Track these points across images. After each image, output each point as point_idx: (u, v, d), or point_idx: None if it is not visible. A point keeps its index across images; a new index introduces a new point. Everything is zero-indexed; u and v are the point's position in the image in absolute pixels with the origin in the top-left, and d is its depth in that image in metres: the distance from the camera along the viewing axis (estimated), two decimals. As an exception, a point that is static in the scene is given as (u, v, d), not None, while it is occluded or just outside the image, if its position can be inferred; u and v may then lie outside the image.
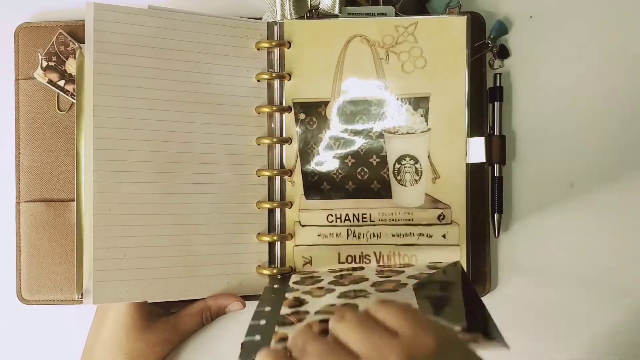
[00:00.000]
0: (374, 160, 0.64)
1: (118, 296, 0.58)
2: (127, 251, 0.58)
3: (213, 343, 0.66)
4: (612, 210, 0.68)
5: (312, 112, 0.64)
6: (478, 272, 0.66)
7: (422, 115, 0.63)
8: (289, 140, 0.64)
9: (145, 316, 0.60)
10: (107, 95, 0.58)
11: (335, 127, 0.64)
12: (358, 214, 0.64)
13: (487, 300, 0.66)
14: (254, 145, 0.64)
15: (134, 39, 0.59)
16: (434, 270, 0.60)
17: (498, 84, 0.67)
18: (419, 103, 0.63)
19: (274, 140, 0.64)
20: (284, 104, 0.64)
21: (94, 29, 0.58)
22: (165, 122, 0.61)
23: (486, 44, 0.67)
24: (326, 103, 0.64)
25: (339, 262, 0.64)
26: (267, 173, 0.64)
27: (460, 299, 0.54)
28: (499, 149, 0.66)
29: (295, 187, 0.64)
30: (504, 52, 0.68)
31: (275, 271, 0.63)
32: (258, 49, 0.64)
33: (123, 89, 0.59)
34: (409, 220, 0.64)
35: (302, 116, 0.64)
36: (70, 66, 0.65)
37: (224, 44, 0.63)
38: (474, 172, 0.65)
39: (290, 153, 0.64)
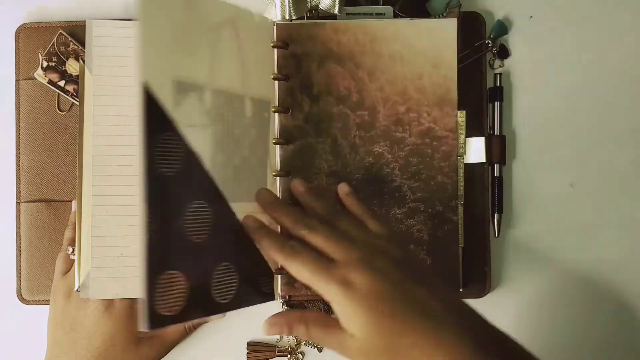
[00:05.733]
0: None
1: (114, 292, 0.59)
2: (123, 250, 0.60)
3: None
4: (612, 210, 0.67)
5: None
6: (478, 272, 0.66)
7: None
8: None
9: (136, 330, 0.61)
10: (105, 105, 0.60)
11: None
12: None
13: (487, 300, 0.66)
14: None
15: (132, 51, 0.61)
16: None
17: (498, 84, 0.67)
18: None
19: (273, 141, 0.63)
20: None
21: (93, 45, 0.60)
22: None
23: (486, 44, 0.67)
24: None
25: None
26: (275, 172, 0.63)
27: None
28: (499, 149, 0.66)
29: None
30: (504, 52, 0.68)
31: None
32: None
33: (120, 98, 0.60)
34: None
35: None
36: (71, 66, 0.65)
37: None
38: (474, 172, 0.66)
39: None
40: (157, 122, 0.51)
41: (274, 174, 0.62)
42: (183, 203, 0.53)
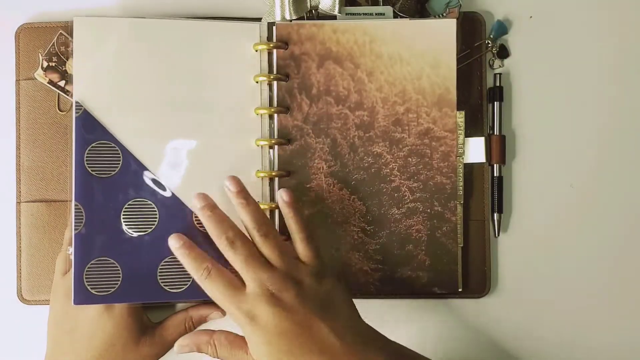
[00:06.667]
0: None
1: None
2: None
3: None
4: (612, 210, 0.67)
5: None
6: (478, 272, 0.66)
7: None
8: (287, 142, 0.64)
9: (138, 328, 0.61)
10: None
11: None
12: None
13: (487, 300, 0.66)
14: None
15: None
16: None
17: (498, 84, 0.67)
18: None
19: (273, 141, 0.63)
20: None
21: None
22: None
23: (486, 44, 0.67)
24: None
25: None
26: (263, 174, 0.63)
27: None
28: (499, 149, 0.66)
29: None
30: (504, 52, 0.67)
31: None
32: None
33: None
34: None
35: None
36: (71, 67, 0.65)
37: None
38: (474, 172, 0.66)
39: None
40: (89, 131, 0.59)
41: (262, 175, 0.62)
42: (116, 201, 0.59)
